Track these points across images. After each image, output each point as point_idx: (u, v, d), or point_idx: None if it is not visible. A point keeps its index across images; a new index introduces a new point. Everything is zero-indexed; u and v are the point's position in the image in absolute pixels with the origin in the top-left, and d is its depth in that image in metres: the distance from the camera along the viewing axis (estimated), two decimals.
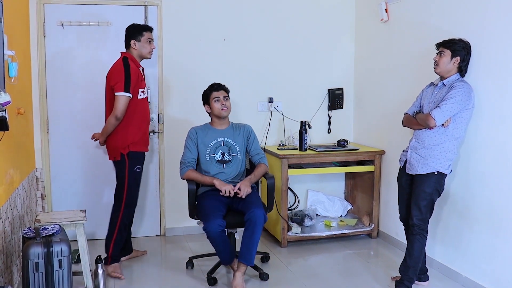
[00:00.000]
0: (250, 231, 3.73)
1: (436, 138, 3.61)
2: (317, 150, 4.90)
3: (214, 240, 3.74)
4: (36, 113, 4.68)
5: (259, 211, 3.73)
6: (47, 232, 3.10)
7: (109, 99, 4.04)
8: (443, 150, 3.60)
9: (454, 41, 3.60)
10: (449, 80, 3.61)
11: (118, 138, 4.02)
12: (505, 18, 3.45)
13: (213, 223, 3.67)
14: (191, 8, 4.97)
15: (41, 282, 2.94)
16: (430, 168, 3.61)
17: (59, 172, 4.83)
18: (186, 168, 4.03)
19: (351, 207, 5.44)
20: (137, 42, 4.07)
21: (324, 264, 4.48)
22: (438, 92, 3.65)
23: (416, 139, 3.74)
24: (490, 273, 3.67)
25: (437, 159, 3.60)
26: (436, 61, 3.64)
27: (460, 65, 3.60)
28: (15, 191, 3.73)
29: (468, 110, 3.59)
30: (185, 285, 4.01)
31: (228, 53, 5.11)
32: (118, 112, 3.89)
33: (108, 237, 4.15)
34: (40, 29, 4.62)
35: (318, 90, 5.41)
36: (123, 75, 3.90)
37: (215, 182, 3.93)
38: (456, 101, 3.48)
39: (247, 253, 3.74)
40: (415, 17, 4.41)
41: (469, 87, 3.56)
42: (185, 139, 4.14)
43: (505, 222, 3.51)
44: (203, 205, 3.92)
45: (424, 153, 3.65)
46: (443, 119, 3.52)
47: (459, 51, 3.57)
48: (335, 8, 5.38)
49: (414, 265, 3.69)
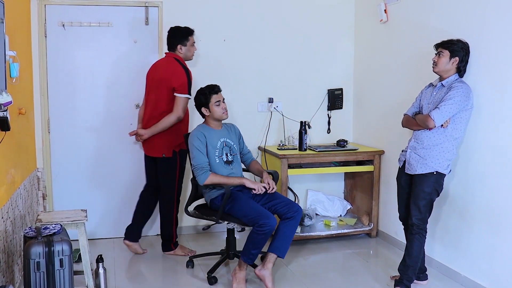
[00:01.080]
0: (292, 228, 3.85)
1: (435, 139, 3.63)
2: (316, 150, 4.92)
3: (267, 236, 3.70)
4: (38, 113, 4.69)
5: (301, 209, 3.93)
6: (48, 231, 3.11)
7: (160, 98, 4.29)
8: (442, 150, 3.62)
9: (453, 42, 3.61)
10: (448, 80, 3.63)
11: (172, 136, 4.31)
12: (505, 19, 3.47)
13: (273, 219, 3.69)
14: (191, 9, 4.98)
15: (42, 282, 2.95)
16: (429, 168, 3.63)
17: (60, 172, 4.85)
18: (206, 173, 3.88)
19: (351, 207, 5.46)
20: (183, 47, 4.35)
21: (324, 263, 4.50)
22: (437, 93, 3.67)
23: (415, 139, 3.76)
24: (489, 273, 3.68)
25: (436, 159, 3.62)
26: (435, 61, 3.66)
27: (459, 65, 3.61)
28: (16, 191, 3.74)
29: (467, 111, 3.60)
30: (185, 284, 4.03)
31: (228, 53, 5.12)
32: (181, 112, 4.24)
33: (168, 228, 4.51)
34: (41, 29, 4.63)
35: (318, 91, 5.43)
36: (185, 78, 4.23)
37: (245, 181, 3.93)
38: (455, 102, 3.50)
39: (283, 247, 3.83)
40: (414, 18, 4.43)
41: (468, 87, 3.58)
42: (191, 142, 3.97)
43: (504, 222, 3.53)
44: (243, 206, 3.83)
45: (423, 153, 3.66)
46: (442, 120, 3.53)
47: (458, 51, 3.59)
48: (335, 9, 5.40)
49: (413, 265, 3.71)
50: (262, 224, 3.66)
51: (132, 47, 4.87)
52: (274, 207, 3.92)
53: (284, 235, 3.82)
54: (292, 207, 3.89)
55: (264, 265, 3.83)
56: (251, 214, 3.76)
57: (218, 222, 3.94)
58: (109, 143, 4.93)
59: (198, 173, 3.89)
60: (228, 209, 3.88)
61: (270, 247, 3.82)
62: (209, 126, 4.08)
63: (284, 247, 3.83)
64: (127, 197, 4.97)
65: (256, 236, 3.71)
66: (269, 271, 3.81)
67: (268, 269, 3.81)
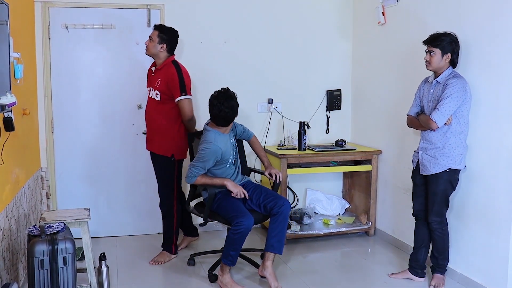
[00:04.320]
0: (281, 223, 3.84)
1: (442, 137, 3.68)
2: (315, 150, 4.96)
3: (243, 236, 3.70)
4: (41, 113, 4.72)
5: (288, 203, 3.89)
6: (52, 230, 3.13)
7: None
8: (451, 147, 3.66)
9: (441, 38, 3.65)
10: (442, 76, 3.67)
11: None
12: (501, 19, 3.50)
13: (249, 218, 3.69)
14: (192, 11, 5.02)
15: (46, 279, 2.96)
16: (441, 167, 3.69)
17: (64, 171, 4.89)
18: (195, 177, 3.90)
19: (349, 206, 5.49)
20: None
21: (323, 261, 4.53)
22: (434, 90, 3.71)
23: (424, 140, 3.81)
24: (485, 270, 3.72)
25: (446, 156, 3.67)
26: (427, 60, 3.70)
27: (452, 59, 3.67)
28: (20, 190, 3.76)
29: (466, 103, 3.63)
30: (186, 281, 4.06)
31: (228, 55, 5.16)
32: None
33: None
34: (45, 31, 4.67)
35: (317, 92, 5.47)
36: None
37: (227, 183, 3.89)
38: (453, 99, 3.54)
39: (278, 243, 3.83)
40: (412, 20, 4.46)
41: (463, 80, 3.60)
42: (206, 147, 3.84)
43: (499, 221, 3.56)
44: (226, 205, 3.88)
45: (434, 153, 3.72)
46: (443, 120, 3.58)
47: (448, 47, 3.64)
48: (333, 12, 5.43)
49: (440, 255, 3.84)
50: (237, 223, 3.67)
51: (134, 49, 4.91)
52: (263, 203, 3.92)
53: (274, 232, 3.83)
54: (278, 201, 3.86)
55: (263, 265, 3.88)
56: (230, 212, 3.79)
57: (205, 220, 3.99)
58: (112, 143, 4.97)
59: (189, 174, 3.93)
60: (215, 208, 3.93)
61: (265, 246, 3.86)
62: (218, 130, 3.95)
63: (278, 244, 3.83)
64: (129, 196, 5.01)
65: (232, 236, 3.71)
66: (269, 270, 3.84)
67: (267, 268, 3.84)
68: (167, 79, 4.19)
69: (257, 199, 3.97)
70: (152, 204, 5.07)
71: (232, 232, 3.71)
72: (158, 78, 4.24)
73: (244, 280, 4.02)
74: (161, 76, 4.22)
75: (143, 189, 5.06)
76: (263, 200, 3.93)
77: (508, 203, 3.48)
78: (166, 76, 4.20)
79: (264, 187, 4.11)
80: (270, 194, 3.97)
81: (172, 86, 4.17)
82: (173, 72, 4.19)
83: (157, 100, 4.26)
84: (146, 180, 4.97)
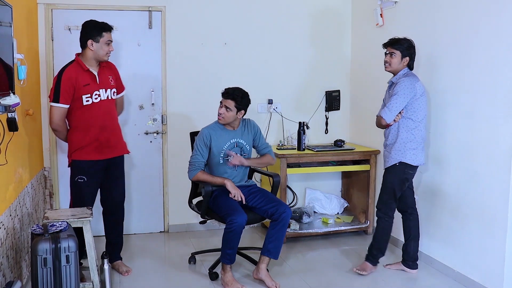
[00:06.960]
0: (281, 230, 3.86)
1: (395, 133, 3.90)
2: (314, 150, 5.01)
3: (236, 234, 3.72)
4: (44, 114, 4.73)
5: (289, 211, 3.88)
6: (55, 228, 3.15)
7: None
8: (402, 142, 3.87)
9: (401, 42, 3.87)
10: (396, 77, 3.91)
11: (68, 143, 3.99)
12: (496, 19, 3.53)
13: (242, 216, 3.71)
14: (193, 13, 5.05)
15: (49, 277, 2.99)
16: (393, 160, 3.92)
17: (67, 171, 4.83)
18: (196, 171, 3.97)
19: (348, 205, 5.51)
20: (94, 43, 3.84)
21: (322, 259, 4.56)
22: (389, 91, 3.94)
23: (384, 137, 4.05)
24: (481, 268, 3.75)
25: (398, 150, 3.88)
26: (387, 61, 3.90)
27: (409, 63, 3.89)
28: (24, 189, 3.79)
29: (417, 100, 3.82)
30: (187, 279, 4.09)
31: (229, 56, 5.19)
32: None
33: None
34: (48, 33, 4.70)
35: (316, 92, 5.50)
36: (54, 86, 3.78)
37: (227, 183, 3.93)
38: (400, 96, 3.76)
39: (274, 249, 3.87)
40: (409, 22, 4.49)
41: (412, 79, 3.80)
42: (197, 139, 4.01)
43: (495, 220, 3.59)
44: (221, 203, 3.91)
45: (389, 148, 3.96)
46: (392, 116, 3.81)
47: (407, 51, 3.85)
48: (332, 14, 5.47)
49: (376, 243, 4.07)
50: (230, 221, 3.70)
51: (136, 50, 4.94)
52: (265, 207, 3.94)
53: (272, 237, 3.86)
54: (279, 208, 3.87)
55: (258, 267, 3.93)
56: (224, 210, 3.82)
57: (202, 217, 4.06)
58: None
59: (189, 169, 4.02)
60: (211, 205, 3.98)
61: (262, 249, 3.90)
62: (222, 125, 4.03)
63: (275, 249, 3.86)
64: (131, 195, 5.03)
65: (226, 235, 3.75)
66: (264, 272, 3.89)
67: (261, 270, 3.89)
68: (115, 72, 4.12)
69: (259, 202, 4.00)
70: (153, 204, 5.14)
71: (225, 230, 3.76)
72: (108, 76, 4.00)
73: (244, 279, 4.06)
74: (109, 73, 4.05)
75: (145, 189, 5.11)
76: (265, 204, 3.96)
77: (504, 202, 3.51)
78: (112, 70, 4.10)
79: (268, 192, 4.14)
80: (272, 200, 3.98)
81: (119, 77, 4.17)
82: (113, 65, 4.16)
83: (113, 99, 4.03)
84: (146, 179, 5.02)
